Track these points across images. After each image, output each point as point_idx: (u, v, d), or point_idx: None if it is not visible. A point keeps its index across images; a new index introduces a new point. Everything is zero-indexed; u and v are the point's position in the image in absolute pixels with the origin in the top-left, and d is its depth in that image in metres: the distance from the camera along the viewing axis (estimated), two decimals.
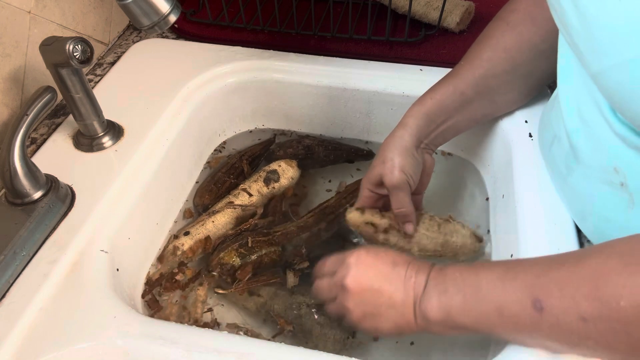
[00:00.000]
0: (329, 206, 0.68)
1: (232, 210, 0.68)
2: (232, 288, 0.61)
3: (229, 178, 0.74)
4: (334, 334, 0.56)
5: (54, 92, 0.54)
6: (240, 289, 0.61)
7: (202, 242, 0.65)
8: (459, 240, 0.60)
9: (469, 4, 0.79)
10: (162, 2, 0.52)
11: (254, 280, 0.61)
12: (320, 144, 0.79)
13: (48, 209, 0.54)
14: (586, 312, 0.38)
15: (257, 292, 0.61)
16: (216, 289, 0.62)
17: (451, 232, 0.60)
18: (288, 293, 0.60)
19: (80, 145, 0.63)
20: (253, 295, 0.61)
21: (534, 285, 0.41)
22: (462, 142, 0.74)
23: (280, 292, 0.61)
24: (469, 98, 0.59)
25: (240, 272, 0.61)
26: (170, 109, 0.69)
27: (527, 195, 0.57)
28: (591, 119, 0.46)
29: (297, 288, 0.61)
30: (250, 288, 0.61)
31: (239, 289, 0.61)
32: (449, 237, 0.60)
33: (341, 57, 0.77)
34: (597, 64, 0.38)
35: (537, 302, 0.40)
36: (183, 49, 0.80)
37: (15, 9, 0.63)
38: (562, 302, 0.39)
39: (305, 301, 0.59)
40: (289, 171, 0.73)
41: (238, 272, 0.62)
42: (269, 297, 0.60)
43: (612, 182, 0.45)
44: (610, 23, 0.35)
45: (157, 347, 0.46)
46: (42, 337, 0.47)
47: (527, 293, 0.41)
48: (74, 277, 0.51)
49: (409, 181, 0.56)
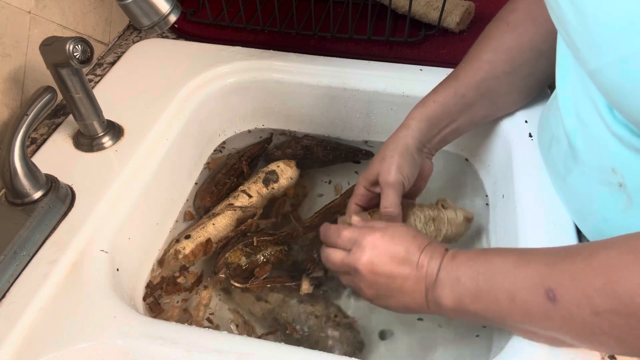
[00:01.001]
0: (333, 206, 0.68)
1: (232, 212, 0.68)
2: (248, 284, 0.61)
3: (230, 179, 0.74)
4: (340, 347, 0.56)
5: (54, 92, 0.54)
6: (255, 285, 0.61)
7: (203, 244, 0.65)
8: (452, 229, 0.59)
9: (469, 4, 0.79)
10: (162, 2, 0.52)
11: (270, 280, 0.61)
12: (319, 143, 0.79)
13: (48, 209, 0.54)
14: (599, 306, 0.38)
15: (265, 297, 0.61)
16: (232, 281, 0.62)
17: (443, 222, 0.59)
18: (297, 301, 0.60)
19: (80, 145, 0.63)
20: (260, 300, 0.61)
21: (547, 275, 0.41)
22: (462, 142, 0.74)
23: (289, 299, 0.60)
24: (471, 100, 0.59)
25: (258, 270, 0.61)
26: (170, 109, 0.69)
27: (527, 195, 0.57)
28: (589, 119, 0.46)
29: (306, 297, 0.61)
30: (266, 286, 0.61)
31: (254, 285, 0.61)
32: (441, 226, 0.59)
33: (341, 57, 0.77)
34: (594, 61, 0.38)
35: (550, 292, 0.40)
36: (183, 49, 0.80)
37: (15, 9, 0.63)
38: (575, 295, 0.39)
39: (314, 312, 0.58)
40: (288, 171, 0.73)
41: (257, 269, 0.62)
42: (276, 304, 0.60)
43: (611, 182, 0.45)
44: (607, 20, 0.35)
45: (157, 347, 0.46)
46: (42, 337, 0.47)
47: (540, 282, 0.41)
48: (74, 277, 0.51)
49: (404, 182, 0.56)
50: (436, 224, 0.59)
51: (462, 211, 0.61)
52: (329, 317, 0.57)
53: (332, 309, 0.59)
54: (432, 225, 0.59)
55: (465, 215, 0.61)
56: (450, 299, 0.46)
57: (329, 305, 0.60)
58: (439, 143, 0.61)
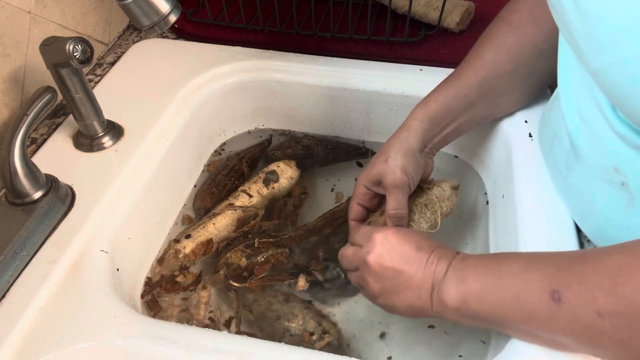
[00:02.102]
0: (338, 210, 0.68)
1: (232, 212, 0.68)
2: (246, 283, 0.61)
3: (230, 181, 0.74)
4: None
5: (54, 92, 0.54)
6: (254, 284, 0.61)
7: (203, 244, 0.65)
8: (445, 205, 0.59)
9: (469, 4, 0.79)
10: (162, 2, 0.52)
11: (268, 278, 0.61)
12: (319, 143, 0.79)
13: (48, 209, 0.54)
14: (603, 307, 0.37)
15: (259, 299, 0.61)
16: (231, 281, 0.62)
17: (434, 202, 0.59)
18: (275, 317, 0.60)
19: (80, 145, 0.63)
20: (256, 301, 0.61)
21: (554, 277, 0.41)
22: (462, 142, 0.74)
23: (270, 313, 0.60)
24: (472, 100, 0.59)
25: (258, 268, 0.62)
26: (170, 109, 0.69)
27: (527, 195, 0.57)
28: (591, 118, 0.46)
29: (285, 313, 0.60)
30: (264, 285, 0.61)
31: (253, 284, 0.61)
32: (435, 207, 0.59)
33: (341, 57, 0.77)
34: (597, 61, 0.38)
35: (555, 293, 0.40)
36: (183, 49, 0.79)
37: (15, 9, 0.63)
38: (580, 296, 0.39)
39: (288, 329, 0.58)
40: (288, 171, 0.73)
41: (257, 267, 0.62)
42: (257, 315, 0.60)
43: (613, 181, 0.45)
44: (610, 20, 0.35)
45: (157, 347, 0.46)
46: (42, 337, 0.47)
47: (547, 283, 0.41)
48: (74, 277, 0.51)
49: (409, 183, 0.56)
50: (430, 207, 0.59)
51: (446, 183, 0.60)
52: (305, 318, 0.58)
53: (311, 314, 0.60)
54: (427, 212, 0.58)
55: (451, 186, 0.60)
56: (455, 299, 0.45)
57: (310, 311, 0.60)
58: (440, 142, 0.61)
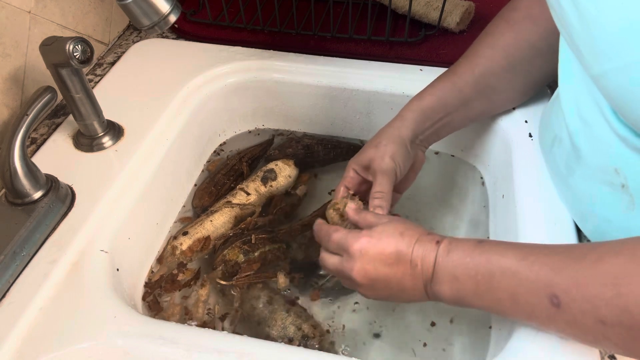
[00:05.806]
0: None
1: (230, 210, 0.68)
2: (233, 281, 0.61)
3: (229, 180, 0.74)
4: None
5: (54, 92, 0.54)
6: (241, 282, 0.61)
7: (200, 241, 0.65)
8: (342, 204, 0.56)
9: (469, 4, 0.79)
10: (162, 2, 0.52)
11: (255, 275, 0.62)
12: (319, 142, 0.79)
13: (48, 209, 0.54)
14: (606, 316, 0.37)
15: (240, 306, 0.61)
16: (218, 279, 0.62)
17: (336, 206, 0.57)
18: (256, 322, 0.59)
19: (80, 145, 0.63)
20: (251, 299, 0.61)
21: (551, 280, 0.40)
22: (462, 142, 0.74)
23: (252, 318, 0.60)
24: (468, 96, 0.59)
25: (245, 267, 0.62)
26: (170, 109, 0.69)
27: (527, 196, 0.57)
28: (592, 120, 0.46)
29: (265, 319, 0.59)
30: (251, 282, 0.61)
31: (239, 282, 0.61)
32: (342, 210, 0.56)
33: (341, 57, 0.77)
34: (598, 66, 0.38)
35: (554, 297, 0.39)
36: (183, 49, 0.79)
37: (15, 9, 0.63)
38: (580, 303, 0.38)
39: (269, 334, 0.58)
40: (286, 170, 0.73)
41: (244, 265, 0.62)
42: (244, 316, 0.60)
43: (613, 183, 0.45)
44: (611, 25, 0.35)
45: (157, 347, 0.46)
46: (42, 337, 0.47)
47: (544, 287, 0.40)
48: (74, 277, 0.51)
49: (396, 170, 0.56)
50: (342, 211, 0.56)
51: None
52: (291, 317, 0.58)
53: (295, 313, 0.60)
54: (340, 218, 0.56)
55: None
56: (450, 296, 0.46)
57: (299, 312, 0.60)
58: (432, 136, 0.61)
